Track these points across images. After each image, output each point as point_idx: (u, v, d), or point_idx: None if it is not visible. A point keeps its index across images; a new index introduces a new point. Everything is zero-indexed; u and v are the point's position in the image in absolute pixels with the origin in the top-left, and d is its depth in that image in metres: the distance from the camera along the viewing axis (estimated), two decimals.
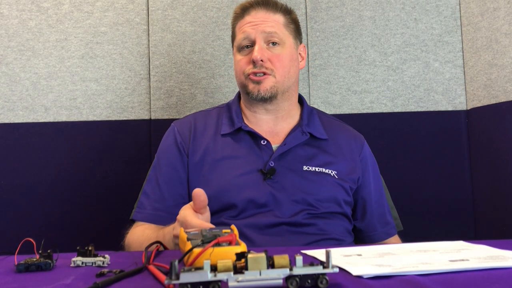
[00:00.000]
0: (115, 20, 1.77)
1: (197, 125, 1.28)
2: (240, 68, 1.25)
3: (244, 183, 1.18)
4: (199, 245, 0.67)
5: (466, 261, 0.69)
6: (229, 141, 1.24)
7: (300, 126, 1.26)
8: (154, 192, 1.24)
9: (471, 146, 1.74)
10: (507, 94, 1.58)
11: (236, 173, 1.19)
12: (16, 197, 1.68)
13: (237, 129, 1.24)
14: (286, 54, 1.24)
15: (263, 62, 1.20)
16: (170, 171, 1.25)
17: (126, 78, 1.76)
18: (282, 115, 1.28)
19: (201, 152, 1.23)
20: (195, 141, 1.25)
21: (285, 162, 1.20)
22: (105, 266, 0.75)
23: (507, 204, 1.58)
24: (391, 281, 0.61)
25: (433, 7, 1.80)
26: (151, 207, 1.23)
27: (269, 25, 1.23)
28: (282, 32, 1.25)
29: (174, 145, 1.26)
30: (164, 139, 1.31)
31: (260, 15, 1.25)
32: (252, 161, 1.20)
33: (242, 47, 1.25)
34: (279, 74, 1.22)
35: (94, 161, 1.71)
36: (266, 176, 1.17)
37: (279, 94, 1.24)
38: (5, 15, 1.74)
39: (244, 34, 1.23)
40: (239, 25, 1.27)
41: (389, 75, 1.78)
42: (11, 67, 1.73)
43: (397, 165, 1.75)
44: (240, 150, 1.22)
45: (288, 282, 0.57)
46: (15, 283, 0.66)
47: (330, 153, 1.25)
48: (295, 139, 1.23)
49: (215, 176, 1.20)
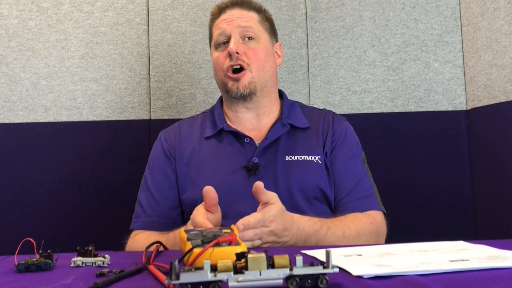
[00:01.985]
0: (115, 20, 1.77)
1: (182, 131, 1.33)
2: (218, 64, 1.28)
3: (229, 183, 1.19)
4: (199, 245, 0.68)
5: (466, 261, 0.69)
6: (213, 143, 1.28)
7: (280, 119, 1.29)
8: (148, 200, 1.27)
9: (471, 146, 1.74)
10: (507, 94, 1.58)
11: (221, 173, 1.22)
12: (16, 197, 1.68)
13: (219, 130, 1.28)
14: (261, 48, 1.28)
15: (239, 54, 1.24)
16: (160, 177, 1.28)
17: (126, 78, 1.76)
18: (263, 111, 1.31)
19: (187, 156, 1.27)
20: (181, 146, 1.29)
21: (268, 156, 1.23)
22: (105, 266, 0.75)
23: (507, 204, 1.58)
24: (391, 281, 0.61)
25: (433, 7, 1.80)
26: (145, 215, 1.25)
27: (244, 20, 1.28)
28: (257, 27, 1.30)
29: (162, 152, 1.30)
30: (153, 149, 1.34)
31: (235, 12, 1.31)
32: (236, 159, 1.23)
33: (219, 44, 1.30)
34: (255, 68, 1.26)
35: (94, 161, 1.71)
36: (251, 173, 1.20)
37: (258, 90, 1.27)
38: (5, 15, 1.74)
39: (220, 30, 1.29)
40: (215, 24, 1.33)
41: (389, 75, 1.78)
42: (11, 67, 1.73)
43: (397, 165, 1.75)
44: (224, 150, 1.26)
45: (288, 282, 0.57)
46: (15, 283, 0.66)
47: (313, 139, 1.27)
48: (276, 132, 1.26)
49: (202, 178, 1.22)
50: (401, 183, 1.72)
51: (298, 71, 1.78)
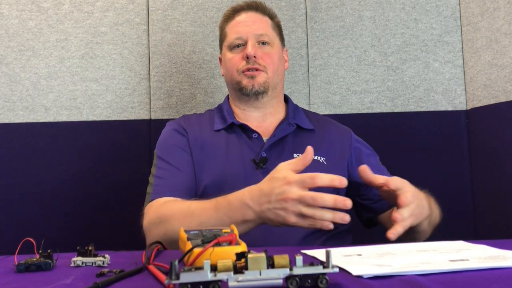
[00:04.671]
0: (115, 20, 1.77)
1: (191, 123, 1.35)
2: (233, 65, 1.33)
3: (239, 173, 1.22)
4: (199, 245, 0.68)
5: (466, 261, 0.69)
6: (223, 135, 1.31)
7: (286, 119, 1.34)
8: (169, 171, 1.23)
9: (471, 146, 1.74)
10: (507, 94, 1.58)
11: (231, 162, 1.25)
12: (16, 197, 1.68)
13: (229, 124, 1.32)
14: (275, 53, 1.35)
15: (256, 58, 1.30)
16: (178, 150, 1.27)
17: (126, 78, 1.76)
18: (270, 111, 1.36)
19: (199, 142, 1.29)
20: (192, 133, 1.31)
21: (276, 152, 1.27)
22: (105, 266, 0.75)
23: (507, 204, 1.58)
24: (391, 281, 0.61)
25: (433, 7, 1.80)
26: (170, 183, 1.20)
27: (260, 26, 1.34)
28: (271, 33, 1.36)
29: (176, 132, 1.31)
30: (162, 134, 1.34)
31: (251, 16, 1.36)
32: (246, 152, 1.27)
33: (234, 46, 1.34)
34: (270, 71, 1.32)
35: (94, 161, 1.71)
36: (259, 166, 1.23)
37: (270, 90, 1.33)
38: (5, 15, 1.74)
39: (237, 34, 1.33)
40: (230, 25, 1.36)
41: (389, 75, 1.78)
42: (11, 67, 1.73)
43: (397, 165, 1.74)
44: (233, 143, 1.29)
45: (288, 282, 0.57)
46: (15, 283, 0.66)
47: (317, 141, 1.31)
48: (283, 130, 1.31)
49: (214, 164, 1.24)
50: None
51: (298, 71, 1.79)
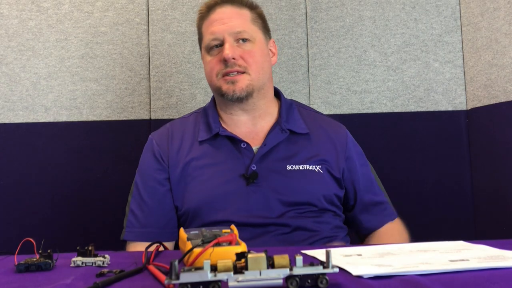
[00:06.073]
0: (115, 20, 1.77)
1: (174, 134, 1.24)
2: (211, 69, 1.20)
3: (227, 192, 1.14)
4: (199, 245, 0.68)
5: (466, 261, 0.69)
6: (208, 148, 1.20)
7: (278, 123, 1.22)
8: (141, 208, 1.20)
9: (471, 146, 1.74)
10: (507, 94, 1.58)
11: (218, 181, 1.16)
12: (16, 197, 1.68)
13: (214, 134, 1.20)
14: (258, 50, 1.20)
15: (235, 60, 1.16)
16: (153, 184, 1.21)
17: (126, 78, 1.76)
18: (260, 113, 1.24)
19: (181, 161, 1.20)
20: (174, 150, 1.21)
21: (267, 164, 1.16)
22: (105, 266, 0.75)
23: (507, 204, 1.58)
24: (391, 281, 0.61)
25: (433, 7, 1.80)
26: (139, 225, 1.19)
27: (238, 22, 1.19)
28: (251, 28, 1.21)
29: (153, 158, 1.23)
30: (143, 153, 1.27)
31: (226, 11, 1.21)
32: (234, 166, 1.16)
33: (211, 47, 1.21)
34: (253, 71, 1.18)
35: (94, 161, 1.71)
36: (249, 181, 1.14)
37: (255, 92, 1.20)
38: (5, 15, 1.74)
39: (212, 34, 1.19)
40: (205, 24, 1.23)
41: (389, 75, 1.78)
42: (11, 67, 1.73)
43: (397, 165, 1.75)
44: (220, 156, 1.18)
45: (288, 282, 0.57)
46: (15, 283, 0.66)
47: (313, 147, 1.21)
48: (275, 138, 1.19)
49: (197, 186, 1.17)
50: (401, 183, 1.72)
51: (298, 71, 1.78)
